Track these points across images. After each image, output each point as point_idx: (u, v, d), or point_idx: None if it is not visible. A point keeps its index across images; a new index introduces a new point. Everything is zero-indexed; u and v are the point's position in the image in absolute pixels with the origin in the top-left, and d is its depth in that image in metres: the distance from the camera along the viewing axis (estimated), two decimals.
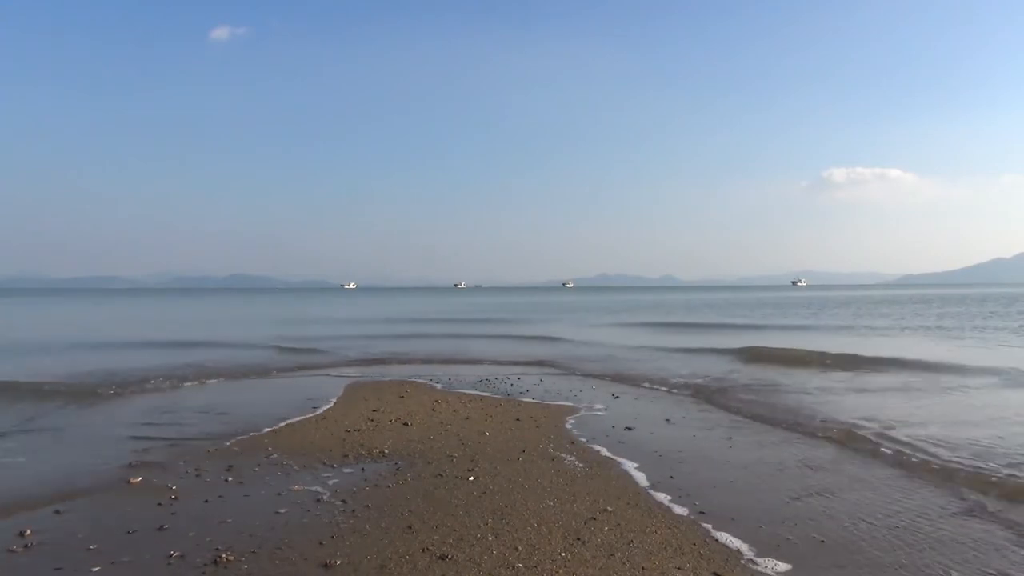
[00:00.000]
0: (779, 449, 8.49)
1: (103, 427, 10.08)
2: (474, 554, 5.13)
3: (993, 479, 6.83)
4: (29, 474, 7.56)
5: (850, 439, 8.80)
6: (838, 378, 14.59)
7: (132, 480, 7.12)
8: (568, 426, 9.86)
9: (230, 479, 7.15)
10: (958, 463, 7.43)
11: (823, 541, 5.40)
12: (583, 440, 8.90)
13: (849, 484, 6.95)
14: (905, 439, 8.60)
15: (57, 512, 6.15)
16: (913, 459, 7.75)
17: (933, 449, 8.08)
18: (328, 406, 11.51)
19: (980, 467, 7.26)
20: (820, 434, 9.20)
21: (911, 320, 36.05)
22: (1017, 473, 7.00)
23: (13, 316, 51.98)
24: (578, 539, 5.41)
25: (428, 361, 19.38)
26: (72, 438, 9.40)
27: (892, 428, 9.26)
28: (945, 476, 7.09)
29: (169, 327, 37.10)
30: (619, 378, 15.49)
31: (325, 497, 6.52)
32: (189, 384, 14.54)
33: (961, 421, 9.87)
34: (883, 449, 8.25)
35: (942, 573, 4.81)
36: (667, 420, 10.36)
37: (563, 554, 5.12)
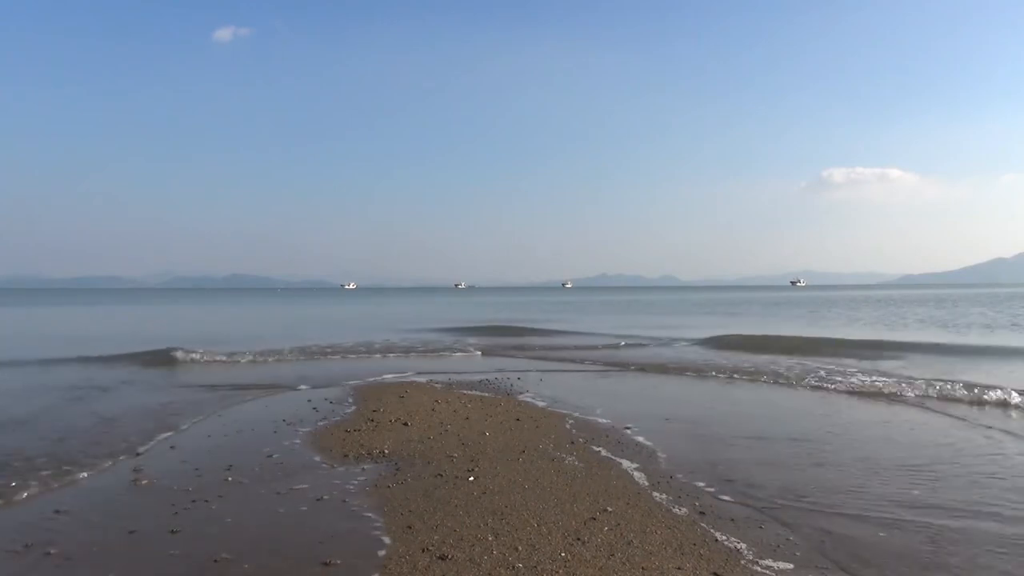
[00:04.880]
0: (781, 447, 8.49)
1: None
2: (474, 554, 5.13)
3: None
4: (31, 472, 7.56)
5: (849, 429, 8.81)
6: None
7: (137, 480, 7.13)
8: (568, 426, 9.85)
9: (230, 479, 7.15)
10: None
11: (824, 541, 5.41)
12: (583, 440, 8.90)
13: (855, 481, 6.95)
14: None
15: (57, 511, 6.15)
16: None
17: None
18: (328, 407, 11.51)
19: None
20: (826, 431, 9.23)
21: None
22: None
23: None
24: (578, 539, 5.41)
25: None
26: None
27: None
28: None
29: None
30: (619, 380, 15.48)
31: (325, 497, 6.53)
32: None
33: None
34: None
35: (954, 567, 4.82)
36: (666, 419, 10.37)
37: (563, 554, 5.12)
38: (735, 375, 15.47)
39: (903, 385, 12.69)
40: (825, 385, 13.36)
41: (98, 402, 12.06)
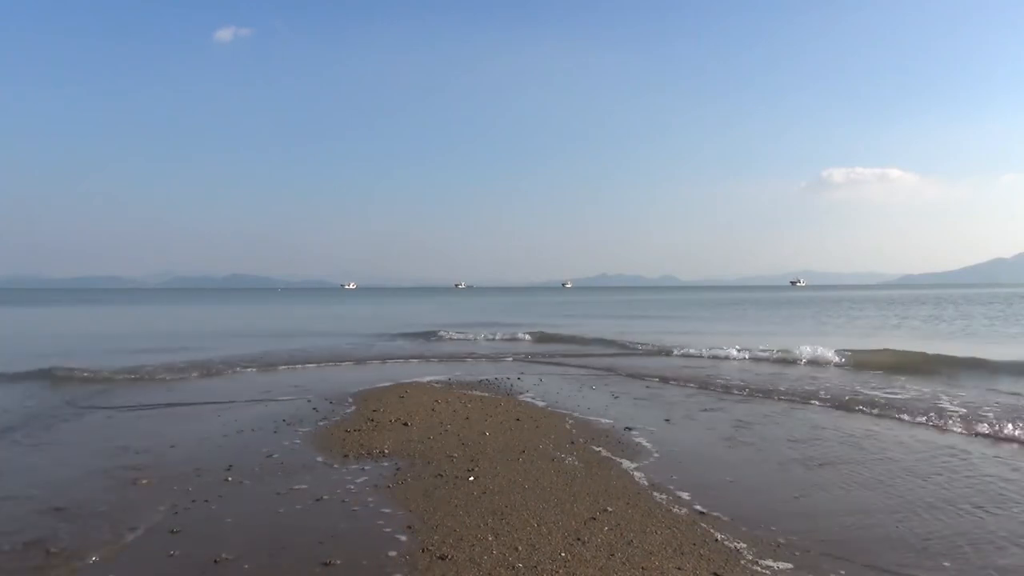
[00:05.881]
0: (780, 447, 8.50)
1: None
2: (474, 554, 5.13)
3: None
4: (32, 472, 7.57)
5: (853, 435, 8.81)
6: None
7: (137, 480, 7.13)
8: (567, 426, 9.85)
9: (230, 479, 7.15)
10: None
11: (824, 540, 5.41)
12: (583, 440, 8.90)
13: (854, 481, 6.96)
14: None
15: (57, 510, 6.15)
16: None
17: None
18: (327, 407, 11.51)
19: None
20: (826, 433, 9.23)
21: None
22: None
23: None
24: (578, 539, 5.41)
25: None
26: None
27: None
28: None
29: None
30: (619, 380, 15.48)
31: (325, 497, 6.53)
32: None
33: None
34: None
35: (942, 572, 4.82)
36: (667, 420, 10.36)
37: (563, 554, 5.12)
38: (746, 389, 15.46)
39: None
40: (845, 402, 13.30)
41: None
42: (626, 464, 7.75)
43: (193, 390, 13.89)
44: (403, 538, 5.46)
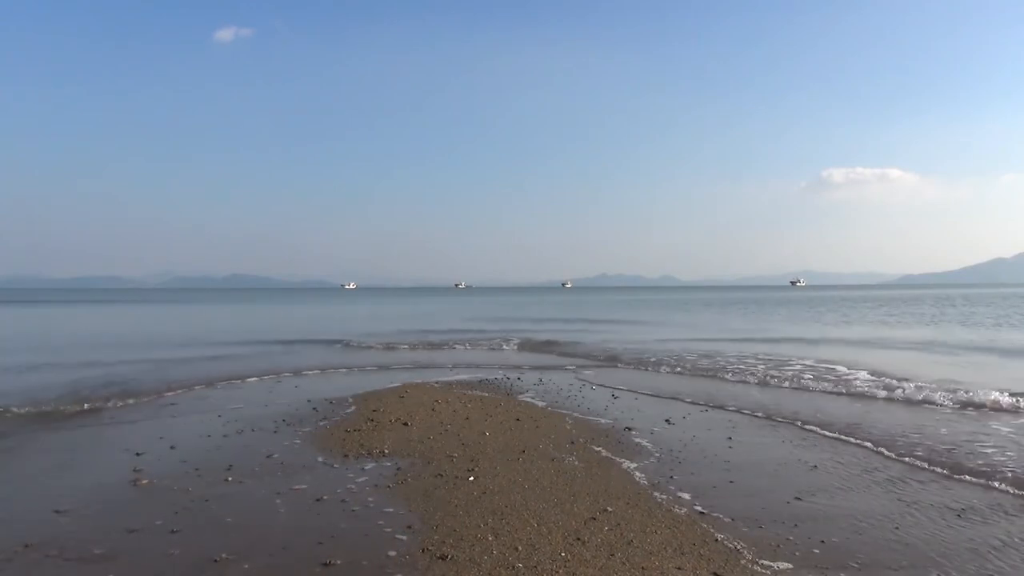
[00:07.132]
0: (779, 449, 8.50)
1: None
2: (474, 554, 5.13)
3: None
4: (31, 474, 7.56)
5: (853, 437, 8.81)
6: None
7: (137, 480, 7.13)
8: (567, 426, 9.85)
9: (230, 479, 7.15)
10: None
11: (823, 541, 5.41)
12: (583, 440, 8.90)
13: (851, 483, 6.96)
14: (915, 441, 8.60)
15: (57, 511, 6.15)
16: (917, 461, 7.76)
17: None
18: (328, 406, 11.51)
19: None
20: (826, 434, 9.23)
21: None
22: None
23: None
24: (578, 539, 5.41)
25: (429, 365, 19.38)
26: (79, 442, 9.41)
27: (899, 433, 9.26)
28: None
29: None
30: (619, 380, 15.48)
31: (325, 497, 6.53)
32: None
33: None
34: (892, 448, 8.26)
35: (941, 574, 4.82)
36: (667, 420, 10.36)
37: (563, 554, 5.12)
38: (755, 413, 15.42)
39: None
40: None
41: None
42: (626, 464, 7.74)
43: (189, 396, 13.88)
44: (403, 538, 5.46)
